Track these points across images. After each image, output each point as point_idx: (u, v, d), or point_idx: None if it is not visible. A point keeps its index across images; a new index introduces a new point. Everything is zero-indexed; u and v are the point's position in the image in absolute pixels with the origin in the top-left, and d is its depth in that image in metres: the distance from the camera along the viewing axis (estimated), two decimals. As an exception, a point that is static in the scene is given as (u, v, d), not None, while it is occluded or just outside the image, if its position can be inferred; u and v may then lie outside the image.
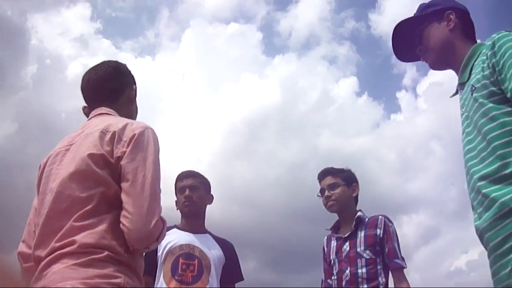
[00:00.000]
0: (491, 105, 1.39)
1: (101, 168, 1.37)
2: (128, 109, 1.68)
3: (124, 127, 1.44)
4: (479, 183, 1.38)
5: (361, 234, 2.57)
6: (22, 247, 1.51)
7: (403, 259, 2.52)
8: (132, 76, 1.75)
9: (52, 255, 1.28)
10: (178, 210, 2.75)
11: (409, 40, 1.71)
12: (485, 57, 1.45)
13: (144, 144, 1.42)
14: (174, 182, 2.78)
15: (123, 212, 1.34)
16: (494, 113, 1.38)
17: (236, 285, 2.77)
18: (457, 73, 1.63)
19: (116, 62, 1.74)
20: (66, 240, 1.28)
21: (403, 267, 2.50)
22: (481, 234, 1.38)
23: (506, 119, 1.35)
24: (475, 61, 1.52)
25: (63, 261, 1.26)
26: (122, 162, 1.38)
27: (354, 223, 2.61)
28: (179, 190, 2.72)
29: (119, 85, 1.67)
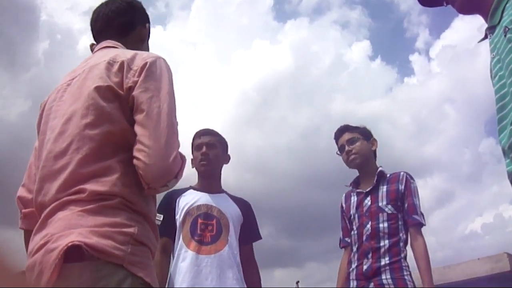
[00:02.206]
0: None
1: (108, 101, 1.22)
2: (137, 47, 1.48)
3: (134, 56, 1.31)
4: None
5: (383, 189, 2.56)
6: (22, 191, 1.41)
7: (422, 215, 2.50)
8: (146, 15, 1.63)
9: (58, 201, 1.15)
10: (194, 169, 2.70)
11: None
12: None
13: (157, 73, 1.28)
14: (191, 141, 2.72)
15: (138, 146, 1.19)
16: None
17: (254, 244, 2.78)
18: (485, 18, 1.52)
19: (137, 2, 1.61)
20: (74, 188, 1.15)
21: (421, 224, 2.48)
22: None
23: None
24: (506, 3, 1.41)
25: (70, 207, 1.12)
26: (135, 93, 1.23)
27: (376, 178, 2.60)
28: (196, 147, 2.67)
29: (130, 21, 1.55)
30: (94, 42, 1.56)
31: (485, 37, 1.52)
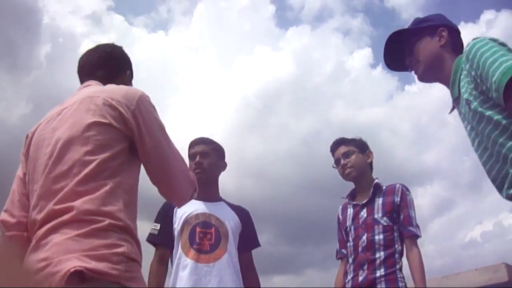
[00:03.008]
0: (490, 112, 1.48)
1: (106, 135, 1.36)
2: None
3: (126, 93, 1.45)
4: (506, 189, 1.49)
5: (379, 201, 2.58)
6: (4, 216, 1.48)
7: (418, 227, 2.52)
8: (127, 61, 1.75)
9: (51, 224, 1.25)
10: None
11: (400, 50, 1.81)
12: (466, 72, 1.56)
13: (150, 110, 1.47)
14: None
15: (159, 189, 1.51)
16: (496, 117, 1.46)
17: (253, 251, 2.79)
18: (445, 85, 1.72)
19: (110, 47, 1.72)
20: (65, 205, 1.25)
21: (417, 235, 2.50)
22: None
23: (505, 121, 1.44)
24: (460, 75, 1.62)
25: (63, 231, 1.22)
26: (136, 134, 1.40)
27: (372, 190, 2.62)
28: (190, 156, 2.69)
29: (111, 73, 1.66)
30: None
31: (453, 108, 1.71)
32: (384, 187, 2.65)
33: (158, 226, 2.59)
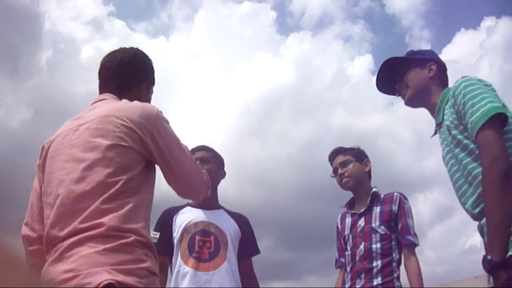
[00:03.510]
0: (466, 141, 1.71)
1: (126, 157, 1.41)
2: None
3: (142, 113, 1.48)
4: (470, 208, 1.73)
5: (377, 210, 2.59)
6: (25, 230, 1.52)
7: (415, 236, 2.53)
8: (146, 71, 1.72)
9: (77, 237, 1.29)
10: None
11: (392, 75, 2.03)
12: (451, 104, 1.78)
13: (167, 127, 1.53)
14: None
15: (180, 193, 1.67)
16: (471, 147, 1.70)
17: (253, 258, 2.79)
18: (429, 111, 1.96)
19: (130, 55, 1.68)
20: (93, 222, 1.30)
21: (415, 244, 2.51)
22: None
23: (478, 151, 1.66)
24: (446, 105, 1.84)
25: (90, 245, 1.27)
26: (155, 151, 1.47)
27: (369, 199, 2.63)
28: None
29: (126, 84, 1.65)
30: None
31: (435, 132, 1.95)
32: (382, 196, 2.66)
33: (157, 234, 2.59)
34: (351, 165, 2.71)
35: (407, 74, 1.98)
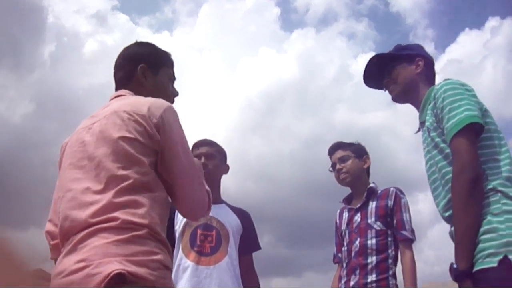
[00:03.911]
0: (443, 144, 1.74)
1: (134, 149, 1.40)
2: (141, 91, 1.64)
3: (149, 108, 1.47)
4: (442, 211, 1.78)
5: (372, 205, 2.59)
6: (49, 226, 1.55)
7: (412, 231, 2.52)
8: (139, 55, 1.72)
9: (90, 229, 1.29)
10: None
11: (380, 71, 2.04)
12: (431, 105, 1.80)
13: (173, 123, 1.49)
14: None
15: (177, 206, 1.56)
16: (446, 151, 1.72)
17: (253, 254, 2.79)
18: (416, 108, 1.97)
19: (127, 48, 1.75)
20: (106, 216, 1.30)
21: (410, 239, 2.50)
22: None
23: None
24: (429, 105, 1.84)
25: (103, 235, 1.27)
26: (160, 148, 1.43)
27: (365, 194, 2.64)
28: (194, 157, 2.70)
29: (127, 74, 1.69)
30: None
31: (419, 130, 1.97)
32: (379, 191, 2.65)
33: None
34: (350, 161, 2.71)
35: (395, 70, 1.99)
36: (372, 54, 2.28)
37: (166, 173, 1.46)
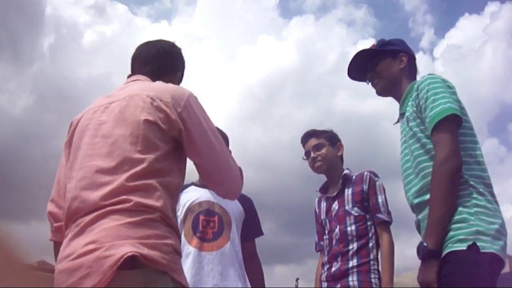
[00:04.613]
0: (421, 134, 1.81)
1: (154, 134, 1.39)
2: None
3: (173, 93, 1.47)
4: (411, 197, 1.85)
5: (348, 192, 2.60)
6: (51, 207, 1.52)
7: (388, 213, 2.52)
8: (180, 63, 1.79)
9: (100, 211, 1.27)
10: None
11: (364, 66, 2.13)
12: (413, 97, 1.86)
13: (199, 110, 1.50)
14: None
15: (212, 186, 1.61)
16: (423, 140, 1.79)
17: (256, 240, 2.79)
18: (397, 101, 2.05)
19: (170, 45, 1.77)
20: (118, 198, 1.28)
21: (387, 221, 2.50)
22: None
23: (429, 146, 1.77)
24: (410, 97, 1.91)
25: (114, 217, 1.25)
26: (185, 133, 1.43)
27: (340, 181, 2.64)
28: None
29: (163, 69, 1.70)
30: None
31: (398, 121, 2.05)
32: (353, 177, 2.65)
33: None
34: (324, 149, 2.71)
35: (379, 65, 2.07)
36: (371, 40, 2.31)
37: (203, 162, 1.50)
